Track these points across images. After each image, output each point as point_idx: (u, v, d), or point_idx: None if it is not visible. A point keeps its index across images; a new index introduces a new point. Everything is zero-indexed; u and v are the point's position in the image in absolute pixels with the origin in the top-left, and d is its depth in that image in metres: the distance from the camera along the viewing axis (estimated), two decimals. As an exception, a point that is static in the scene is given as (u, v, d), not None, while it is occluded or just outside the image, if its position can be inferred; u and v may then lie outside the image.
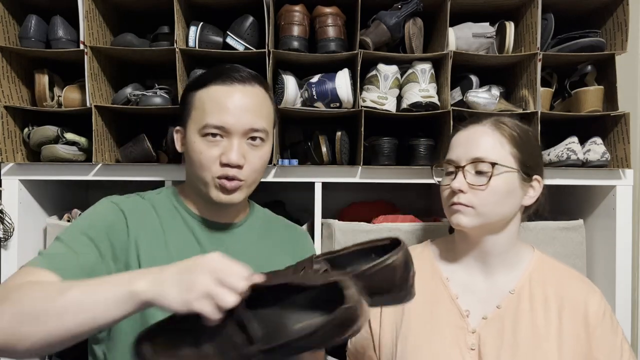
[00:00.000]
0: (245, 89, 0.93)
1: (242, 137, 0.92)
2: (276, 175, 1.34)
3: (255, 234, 1.03)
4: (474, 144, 0.95)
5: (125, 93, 1.36)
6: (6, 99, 1.34)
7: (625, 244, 1.34)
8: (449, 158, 0.98)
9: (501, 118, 0.98)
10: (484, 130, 0.96)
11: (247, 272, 0.66)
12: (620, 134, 1.34)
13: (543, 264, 0.99)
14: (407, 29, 1.35)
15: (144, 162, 1.34)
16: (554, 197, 1.66)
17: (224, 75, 0.93)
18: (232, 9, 1.38)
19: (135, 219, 0.92)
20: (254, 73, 0.97)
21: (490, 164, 0.92)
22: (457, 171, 0.95)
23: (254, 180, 0.97)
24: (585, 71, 1.39)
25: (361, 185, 1.36)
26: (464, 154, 0.95)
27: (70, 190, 1.59)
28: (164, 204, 1.00)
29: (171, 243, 0.94)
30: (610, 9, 1.39)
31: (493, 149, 0.94)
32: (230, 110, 0.91)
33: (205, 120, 0.91)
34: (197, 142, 0.92)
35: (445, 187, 0.97)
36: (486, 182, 0.91)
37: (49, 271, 0.76)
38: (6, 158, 1.33)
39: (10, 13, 1.37)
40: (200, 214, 0.99)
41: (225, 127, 0.90)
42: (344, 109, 1.32)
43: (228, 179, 0.91)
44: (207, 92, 0.93)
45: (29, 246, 1.38)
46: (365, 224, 1.33)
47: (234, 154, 0.90)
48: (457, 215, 0.94)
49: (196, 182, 0.95)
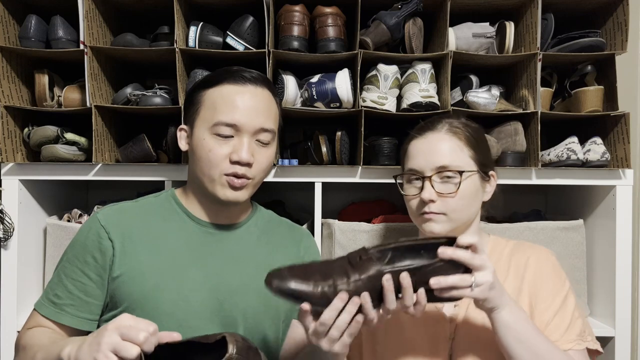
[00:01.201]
0: (256, 90, 0.95)
1: (252, 136, 0.93)
2: (276, 175, 1.34)
3: (256, 235, 1.03)
4: (435, 152, 0.96)
5: (125, 93, 1.36)
6: (6, 99, 1.34)
7: (625, 244, 1.34)
8: (411, 167, 0.98)
9: (453, 122, 0.99)
10: (441, 137, 0.97)
11: (152, 328, 0.71)
12: (620, 134, 1.34)
13: (497, 245, 1.04)
14: (407, 29, 1.35)
15: (144, 162, 1.34)
16: (554, 197, 1.67)
17: (236, 75, 0.95)
18: (232, 9, 1.38)
19: (120, 230, 0.94)
20: (263, 76, 0.99)
21: (457, 172, 0.94)
22: (423, 181, 0.95)
23: (260, 180, 0.98)
24: (585, 71, 1.39)
25: (361, 185, 1.36)
26: (428, 163, 0.96)
27: (70, 190, 1.59)
28: (162, 207, 1.00)
29: (167, 247, 0.95)
30: (610, 9, 1.39)
31: (455, 155, 0.96)
32: (242, 109, 0.92)
33: (217, 117, 0.92)
34: (207, 139, 0.92)
35: (413, 197, 0.98)
36: (455, 190, 0.94)
37: (50, 321, 0.93)
38: (6, 158, 1.33)
39: (10, 13, 1.37)
40: (200, 216, 0.99)
41: (237, 125, 0.92)
42: (344, 109, 1.32)
43: (237, 176, 0.92)
44: (219, 90, 0.94)
45: (29, 246, 1.38)
46: (365, 224, 1.33)
47: (245, 152, 0.91)
48: (430, 224, 0.95)
49: (201, 180, 0.95)
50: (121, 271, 0.92)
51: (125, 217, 0.96)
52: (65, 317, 0.93)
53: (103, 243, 0.93)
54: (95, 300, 0.93)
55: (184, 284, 0.93)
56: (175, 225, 0.98)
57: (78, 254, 0.94)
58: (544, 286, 0.95)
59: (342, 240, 1.32)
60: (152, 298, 0.91)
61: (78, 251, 0.95)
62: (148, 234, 0.95)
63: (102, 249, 0.92)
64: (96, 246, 0.93)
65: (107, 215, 0.96)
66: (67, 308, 0.92)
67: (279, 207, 1.48)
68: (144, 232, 0.95)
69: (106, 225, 0.94)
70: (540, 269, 0.97)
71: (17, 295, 1.32)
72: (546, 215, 1.60)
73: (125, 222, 0.95)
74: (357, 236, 1.32)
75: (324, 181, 1.32)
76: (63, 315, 0.93)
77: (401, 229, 1.32)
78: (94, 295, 0.93)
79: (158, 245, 0.94)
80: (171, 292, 0.91)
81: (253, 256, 1.00)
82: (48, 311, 0.93)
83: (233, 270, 0.97)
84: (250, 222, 1.04)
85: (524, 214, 1.55)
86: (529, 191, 1.62)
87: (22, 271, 1.34)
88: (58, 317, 0.92)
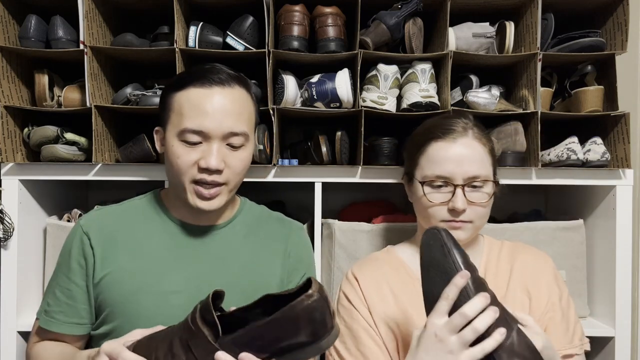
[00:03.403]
0: (224, 91, 0.91)
1: (222, 141, 0.90)
2: (276, 175, 1.34)
3: (242, 234, 1.02)
4: (467, 161, 0.93)
5: (125, 93, 1.36)
6: (6, 99, 1.34)
7: (625, 244, 1.33)
8: (439, 174, 0.94)
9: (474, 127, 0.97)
10: (469, 143, 0.94)
11: None
12: (620, 134, 1.34)
13: (493, 246, 1.03)
14: (407, 29, 1.35)
15: (143, 162, 1.34)
16: (554, 197, 1.67)
17: (202, 77, 0.91)
18: (232, 9, 1.37)
19: (101, 235, 0.95)
20: (234, 74, 0.94)
21: (488, 181, 0.93)
22: (455, 189, 0.92)
23: (237, 183, 0.96)
24: (585, 71, 1.39)
25: (361, 185, 1.36)
26: (460, 171, 0.92)
27: (70, 190, 1.59)
28: (146, 209, 1.00)
29: (149, 249, 0.95)
30: (610, 9, 1.38)
31: (482, 164, 0.94)
32: (209, 114, 0.89)
33: (183, 124, 0.89)
34: (176, 146, 0.90)
35: (440, 204, 0.94)
36: (487, 200, 0.93)
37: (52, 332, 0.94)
38: (6, 158, 1.33)
39: (10, 13, 1.37)
40: (181, 217, 0.98)
41: (204, 132, 0.89)
42: (344, 109, 1.32)
43: (206, 184, 0.90)
44: (186, 94, 0.90)
45: (29, 246, 1.38)
46: (365, 224, 1.33)
47: (213, 159, 0.88)
48: (457, 232, 0.93)
49: (175, 186, 0.94)
50: (102, 275, 0.92)
51: (107, 221, 0.97)
52: (54, 324, 0.94)
53: (85, 249, 0.94)
54: (82, 305, 0.94)
55: (164, 286, 0.92)
56: (157, 226, 0.97)
57: (65, 261, 0.96)
58: (548, 291, 0.95)
59: (342, 240, 1.32)
60: (132, 301, 0.91)
61: (65, 259, 0.96)
62: (130, 237, 0.95)
63: (85, 255, 0.94)
64: (80, 252, 0.94)
65: (89, 220, 0.97)
66: (57, 315, 0.94)
67: (279, 207, 1.48)
68: (126, 235, 0.95)
69: (88, 232, 0.95)
70: (543, 274, 0.97)
71: (17, 295, 1.32)
72: (546, 215, 1.60)
73: (107, 226, 0.96)
74: (357, 236, 1.32)
75: (324, 181, 1.32)
76: (52, 322, 0.94)
77: (401, 229, 1.32)
78: (81, 300, 0.94)
79: (139, 248, 0.94)
80: (151, 295, 0.91)
81: (237, 256, 0.99)
82: (42, 320, 0.95)
83: (217, 270, 0.96)
84: (237, 221, 1.03)
85: (524, 214, 1.55)
86: (529, 191, 1.62)
87: (22, 271, 1.34)
88: (48, 324, 0.94)
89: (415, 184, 0.99)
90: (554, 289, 0.96)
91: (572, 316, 0.96)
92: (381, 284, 1.00)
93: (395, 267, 1.03)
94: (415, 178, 0.99)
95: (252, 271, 0.99)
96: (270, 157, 1.32)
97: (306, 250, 1.10)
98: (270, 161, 1.32)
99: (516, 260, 1.00)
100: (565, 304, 0.96)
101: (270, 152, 1.32)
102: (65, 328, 0.94)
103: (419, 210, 1.01)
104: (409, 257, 1.05)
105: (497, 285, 0.97)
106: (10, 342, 1.32)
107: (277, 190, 1.57)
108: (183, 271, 0.94)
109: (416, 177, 0.99)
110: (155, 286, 0.92)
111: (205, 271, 0.96)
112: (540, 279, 0.97)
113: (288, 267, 1.03)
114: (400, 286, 0.99)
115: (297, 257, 1.06)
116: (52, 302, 0.95)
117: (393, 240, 1.15)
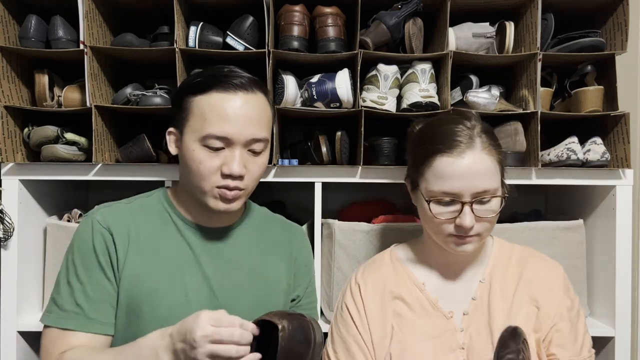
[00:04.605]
0: (247, 97, 0.90)
1: (244, 147, 0.90)
2: (276, 175, 1.34)
3: (249, 236, 1.03)
4: (474, 177, 0.88)
5: (125, 93, 1.36)
6: (6, 99, 1.34)
7: (625, 244, 1.33)
8: (446, 190, 0.89)
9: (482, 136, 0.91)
10: (479, 157, 0.89)
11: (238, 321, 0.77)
12: (620, 134, 1.34)
13: (503, 249, 1.02)
14: (407, 29, 1.35)
15: (144, 162, 1.34)
16: (554, 197, 1.67)
17: (225, 81, 0.90)
18: (232, 9, 1.38)
19: (120, 231, 0.92)
20: (254, 78, 0.94)
21: (497, 196, 0.90)
22: (463, 206, 0.88)
23: (253, 188, 0.97)
24: (585, 71, 1.39)
25: (361, 185, 1.36)
26: (468, 188, 0.88)
27: (70, 190, 1.59)
28: (155, 208, 0.99)
29: (163, 250, 0.94)
30: (610, 9, 1.38)
31: (492, 177, 0.90)
32: (233, 120, 0.88)
33: (206, 130, 0.88)
34: (197, 151, 0.89)
35: (446, 221, 0.91)
36: (495, 214, 0.91)
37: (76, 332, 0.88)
38: (6, 158, 1.33)
39: (10, 13, 1.37)
40: (193, 219, 0.98)
41: (228, 138, 0.88)
42: (344, 109, 1.32)
43: (229, 189, 0.90)
44: (208, 99, 0.89)
45: (29, 246, 1.38)
46: (365, 224, 1.33)
47: (236, 166, 0.88)
48: (465, 246, 0.92)
49: (193, 189, 0.93)
50: (122, 275, 0.91)
51: (122, 219, 0.95)
52: (95, 325, 0.89)
53: (108, 245, 0.91)
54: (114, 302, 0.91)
55: (181, 288, 0.92)
56: (170, 228, 0.97)
57: (88, 258, 0.91)
58: (558, 302, 0.94)
59: (342, 240, 1.32)
60: (147, 303, 0.90)
61: (86, 254, 0.91)
62: (144, 236, 0.94)
63: (109, 251, 0.91)
64: (103, 248, 0.91)
65: (106, 216, 0.94)
66: (93, 315, 0.89)
67: (279, 207, 1.48)
68: (141, 234, 0.94)
69: (109, 227, 0.92)
70: (554, 284, 0.96)
71: (17, 295, 1.32)
72: (546, 215, 1.60)
73: (123, 224, 0.94)
74: (357, 236, 1.32)
75: (324, 181, 1.32)
76: (93, 324, 0.89)
77: (401, 229, 1.32)
78: (114, 296, 0.91)
79: (154, 249, 0.93)
80: (168, 296, 0.91)
81: (247, 258, 1.00)
82: (75, 323, 0.88)
83: (229, 272, 0.97)
84: (244, 223, 1.04)
85: (524, 214, 1.55)
86: (529, 191, 1.62)
87: (22, 271, 1.34)
88: (88, 327, 0.89)
89: (420, 196, 0.95)
90: (564, 299, 0.95)
91: (582, 327, 0.95)
92: (384, 294, 1.00)
93: (398, 273, 1.03)
94: (420, 190, 0.95)
95: (260, 274, 1.00)
96: (270, 157, 1.32)
97: (310, 255, 1.14)
98: (271, 161, 1.32)
99: (526, 268, 0.98)
100: (575, 315, 0.95)
101: (271, 152, 1.31)
102: (106, 329, 0.90)
103: (424, 220, 0.98)
104: (413, 260, 1.05)
105: (504, 293, 0.96)
106: (10, 342, 1.32)
107: (277, 190, 1.57)
108: (199, 272, 0.94)
109: (421, 189, 0.94)
110: (170, 289, 0.91)
111: (218, 273, 0.96)
112: (550, 289, 0.95)
113: (294, 270, 1.07)
114: (401, 291, 1.00)
115: (302, 261, 1.10)
116: (84, 302, 0.89)
117: (393, 241, 1.15)
